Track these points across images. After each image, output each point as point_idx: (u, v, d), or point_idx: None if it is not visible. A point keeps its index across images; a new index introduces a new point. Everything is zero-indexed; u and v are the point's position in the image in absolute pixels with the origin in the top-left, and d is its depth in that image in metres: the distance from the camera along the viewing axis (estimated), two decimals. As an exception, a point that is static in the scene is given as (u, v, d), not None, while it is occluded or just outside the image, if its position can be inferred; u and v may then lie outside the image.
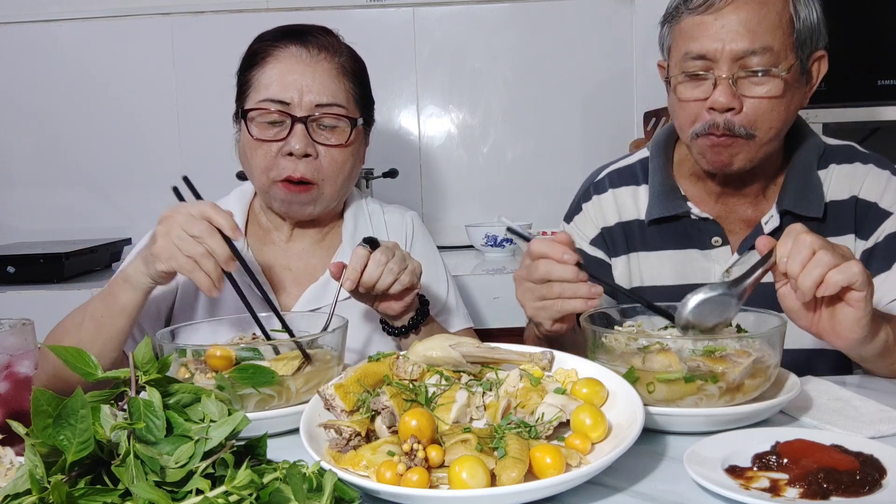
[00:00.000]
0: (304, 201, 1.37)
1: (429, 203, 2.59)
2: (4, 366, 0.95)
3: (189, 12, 2.51)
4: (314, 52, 1.35)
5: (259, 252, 1.45)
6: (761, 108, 1.21)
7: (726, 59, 1.19)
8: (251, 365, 0.96)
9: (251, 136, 1.34)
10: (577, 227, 1.48)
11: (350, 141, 1.37)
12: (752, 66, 1.19)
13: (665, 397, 0.93)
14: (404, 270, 1.22)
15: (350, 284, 1.18)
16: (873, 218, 1.31)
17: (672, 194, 1.37)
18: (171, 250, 1.13)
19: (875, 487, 0.74)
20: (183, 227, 1.12)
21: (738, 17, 1.19)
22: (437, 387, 0.93)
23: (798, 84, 1.25)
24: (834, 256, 0.95)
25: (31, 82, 2.53)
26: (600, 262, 1.44)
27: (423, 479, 0.75)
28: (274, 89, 1.33)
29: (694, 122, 1.25)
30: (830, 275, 0.94)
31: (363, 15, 2.51)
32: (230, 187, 1.54)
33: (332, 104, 1.34)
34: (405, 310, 1.29)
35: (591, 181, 1.51)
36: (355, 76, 1.40)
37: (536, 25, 2.52)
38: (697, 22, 1.22)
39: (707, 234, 1.35)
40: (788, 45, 1.21)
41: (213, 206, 1.15)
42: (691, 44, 1.22)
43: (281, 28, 1.40)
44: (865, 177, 1.33)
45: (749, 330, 1.04)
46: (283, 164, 1.33)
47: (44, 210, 2.57)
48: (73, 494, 0.65)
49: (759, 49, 1.18)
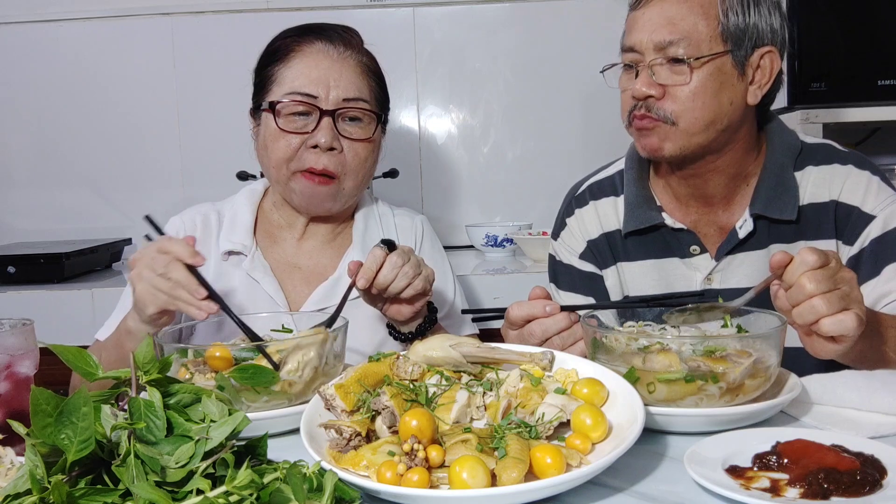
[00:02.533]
0: (324, 196, 1.38)
1: (429, 203, 2.58)
2: (4, 366, 0.95)
3: (189, 12, 2.51)
4: (340, 49, 1.37)
5: (268, 251, 1.45)
6: (681, 96, 1.24)
7: (648, 49, 1.25)
8: (251, 365, 0.96)
9: (277, 127, 1.34)
10: (564, 242, 1.49)
11: (374, 136, 1.39)
12: (670, 55, 1.23)
13: (665, 397, 0.93)
14: (418, 276, 1.23)
15: (364, 283, 1.19)
16: (856, 222, 1.28)
17: (646, 205, 1.37)
18: (149, 292, 1.16)
19: (875, 487, 0.74)
20: (149, 266, 1.16)
21: (661, 10, 1.25)
22: (437, 387, 0.93)
23: (728, 77, 1.25)
24: (831, 304, 0.94)
25: (31, 82, 2.53)
26: (592, 275, 1.45)
27: (424, 479, 0.75)
28: (301, 82, 1.34)
29: (626, 111, 1.30)
30: (824, 323, 0.94)
31: (363, 15, 2.51)
32: (230, 187, 1.55)
33: (358, 98, 1.36)
34: (414, 316, 1.29)
35: (571, 195, 1.51)
36: (376, 75, 1.42)
37: (536, 25, 2.52)
38: (631, 18, 1.29)
39: (684, 243, 1.35)
40: (713, 37, 1.23)
41: (170, 239, 1.17)
42: (626, 38, 1.30)
43: (302, 25, 1.42)
44: (845, 179, 1.30)
45: (749, 330, 1.04)
46: (306, 157, 1.34)
47: (44, 210, 2.57)
48: (73, 494, 0.65)
49: (677, 39, 1.22)
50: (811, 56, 2.08)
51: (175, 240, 1.17)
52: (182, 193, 2.52)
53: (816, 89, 2.10)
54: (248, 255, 1.41)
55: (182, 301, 1.15)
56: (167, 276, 1.15)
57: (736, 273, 1.33)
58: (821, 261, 0.95)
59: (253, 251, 1.42)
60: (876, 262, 1.26)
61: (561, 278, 1.49)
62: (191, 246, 1.16)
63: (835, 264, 0.97)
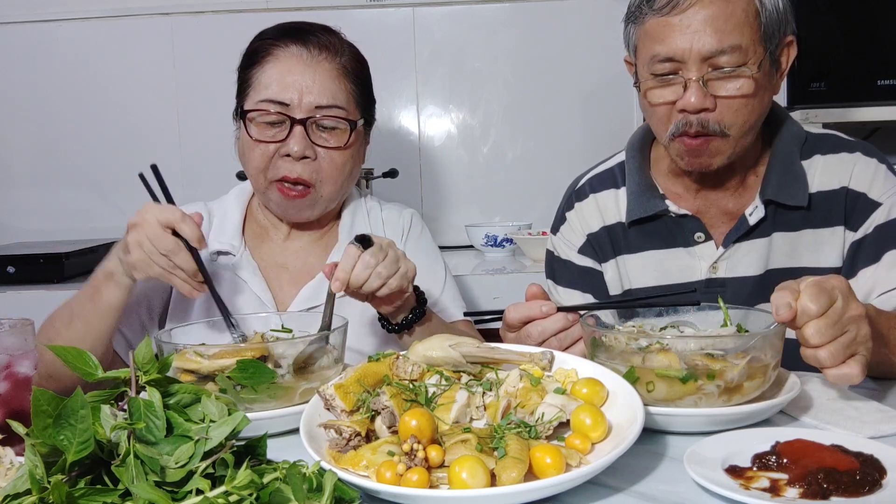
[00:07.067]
0: (301, 206, 1.37)
1: (429, 203, 2.58)
2: (4, 366, 0.95)
3: (189, 12, 2.51)
4: (315, 53, 1.34)
5: (256, 250, 1.45)
6: (735, 105, 1.20)
7: (695, 60, 1.18)
8: (251, 364, 0.96)
9: (250, 137, 1.34)
10: (563, 237, 1.47)
11: (349, 143, 1.36)
12: (721, 64, 1.18)
13: (665, 397, 0.93)
14: (395, 274, 1.19)
15: (339, 286, 1.16)
16: (862, 209, 1.28)
17: (649, 193, 1.36)
18: (146, 262, 1.18)
19: (875, 487, 0.74)
20: (152, 241, 1.17)
21: (703, 16, 1.16)
22: (437, 387, 0.93)
23: (770, 76, 1.24)
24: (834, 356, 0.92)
25: (31, 82, 2.53)
26: (590, 270, 1.44)
27: (423, 479, 0.75)
28: (273, 90, 1.32)
29: (668, 124, 1.24)
30: (828, 374, 0.93)
31: (363, 15, 2.51)
32: (230, 187, 1.54)
33: (331, 106, 1.33)
34: (397, 310, 1.28)
35: (571, 189, 1.50)
36: (356, 76, 1.39)
37: (536, 25, 2.52)
38: (662, 23, 1.19)
39: (688, 230, 1.34)
40: (756, 40, 1.18)
41: (181, 216, 1.18)
42: (658, 46, 1.20)
43: (282, 26, 1.39)
44: (854, 165, 1.30)
45: (749, 330, 1.04)
46: (280, 165, 1.33)
47: (44, 210, 2.57)
48: (73, 494, 0.65)
49: (728, 48, 1.16)
50: (811, 56, 2.07)
51: (186, 219, 1.18)
52: (182, 193, 2.48)
53: (816, 89, 2.10)
54: (236, 254, 1.41)
55: (178, 280, 1.19)
56: (170, 258, 1.17)
57: (742, 262, 1.31)
58: (824, 306, 0.92)
59: (241, 251, 1.42)
60: (877, 249, 1.26)
61: (558, 274, 1.48)
62: (199, 229, 1.19)
63: (840, 303, 0.93)
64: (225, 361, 0.97)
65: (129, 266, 1.20)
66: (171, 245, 1.17)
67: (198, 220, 1.19)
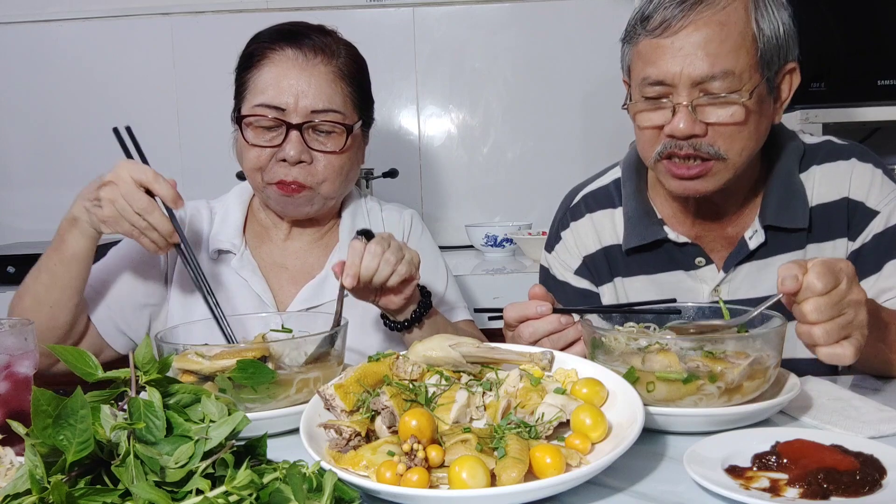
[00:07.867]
0: (299, 202, 1.37)
1: (429, 203, 2.59)
2: (4, 366, 0.95)
3: (189, 12, 2.51)
4: (310, 56, 1.33)
5: (257, 250, 1.45)
6: (727, 132, 1.16)
7: (685, 85, 1.13)
8: (251, 364, 0.96)
9: (246, 141, 1.34)
10: (558, 257, 1.44)
11: (346, 147, 1.35)
12: (712, 90, 1.13)
13: (665, 397, 0.93)
14: (401, 261, 1.19)
15: (351, 280, 1.16)
16: (861, 218, 1.26)
17: (647, 220, 1.32)
18: (116, 219, 1.19)
19: (875, 487, 0.74)
20: (127, 199, 1.18)
21: (696, 40, 1.12)
22: (437, 387, 0.93)
23: (766, 103, 1.19)
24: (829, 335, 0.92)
25: (31, 82, 2.53)
26: (587, 293, 1.41)
27: (423, 479, 0.75)
28: (269, 94, 1.32)
29: (655, 146, 1.20)
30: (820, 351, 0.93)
31: (363, 15, 2.51)
32: (230, 187, 1.54)
33: (328, 110, 1.33)
34: (406, 303, 1.27)
35: (566, 206, 1.46)
36: (353, 78, 1.38)
37: (536, 25, 2.52)
38: (654, 45, 1.15)
39: (689, 256, 1.31)
40: (752, 66, 1.14)
41: (155, 176, 1.20)
42: (648, 68, 1.16)
43: (277, 28, 1.38)
44: (851, 173, 1.27)
45: (749, 330, 1.04)
46: (277, 169, 1.33)
47: (44, 210, 2.56)
48: (73, 494, 0.65)
49: (720, 73, 1.12)
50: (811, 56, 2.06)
51: (160, 178, 1.19)
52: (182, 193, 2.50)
53: (816, 89, 2.09)
54: (237, 253, 1.41)
55: (146, 239, 1.20)
56: (144, 217, 1.18)
57: (744, 284, 1.29)
58: (829, 286, 0.92)
59: (242, 250, 1.42)
60: (877, 258, 1.25)
61: (555, 295, 1.46)
62: (173, 189, 1.20)
63: (845, 285, 0.93)
64: (226, 362, 0.97)
65: (99, 220, 1.20)
66: (145, 203, 1.18)
67: (172, 183, 1.20)
